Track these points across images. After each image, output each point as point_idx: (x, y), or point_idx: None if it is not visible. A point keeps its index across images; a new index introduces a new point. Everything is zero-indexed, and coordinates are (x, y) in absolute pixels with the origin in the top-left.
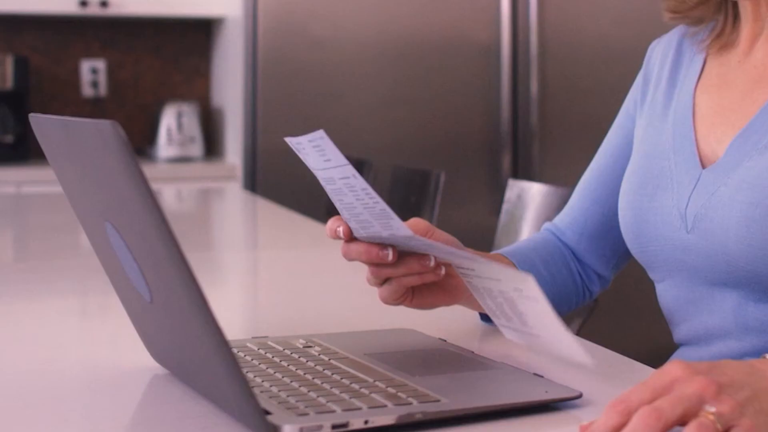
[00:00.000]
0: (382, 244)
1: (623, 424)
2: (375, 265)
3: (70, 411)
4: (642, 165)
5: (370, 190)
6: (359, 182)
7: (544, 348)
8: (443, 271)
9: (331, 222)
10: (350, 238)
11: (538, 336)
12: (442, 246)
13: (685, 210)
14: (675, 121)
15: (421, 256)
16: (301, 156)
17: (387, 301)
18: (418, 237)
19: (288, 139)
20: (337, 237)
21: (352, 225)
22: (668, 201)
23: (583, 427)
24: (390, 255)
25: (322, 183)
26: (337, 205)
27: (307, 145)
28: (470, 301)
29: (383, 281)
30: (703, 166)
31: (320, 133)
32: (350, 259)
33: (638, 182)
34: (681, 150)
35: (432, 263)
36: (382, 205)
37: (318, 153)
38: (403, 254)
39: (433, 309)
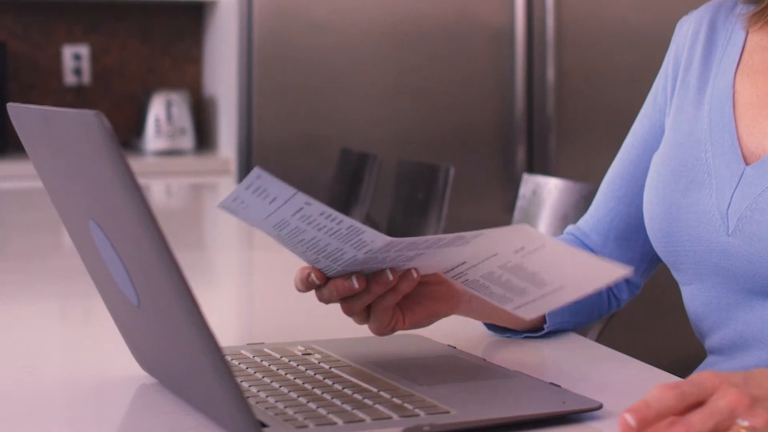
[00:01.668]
0: (346, 275)
1: None
2: (346, 299)
3: (50, 424)
4: (673, 156)
5: (330, 211)
6: (316, 208)
7: (575, 294)
8: (415, 275)
9: (299, 272)
10: (325, 280)
11: (562, 287)
12: (425, 238)
13: (726, 210)
14: (712, 108)
15: (379, 275)
16: (240, 217)
17: (379, 332)
18: (398, 240)
19: (221, 204)
20: (311, 285)
21: (322, 264)
22: (705, 198)
23: None
24: (355, 282)
25: (274, 235)
26: (298, 252)
27: (245, 194)
28: (469, 309)
29: (365, 315)
30: (746, 162)
31: (256, 172)
32: (327, 302)
33: (669, 175)
34: (719, 142)
35: (390, 277)
36: (348, 221)
37: (260, 198)
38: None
39: (434, 323)
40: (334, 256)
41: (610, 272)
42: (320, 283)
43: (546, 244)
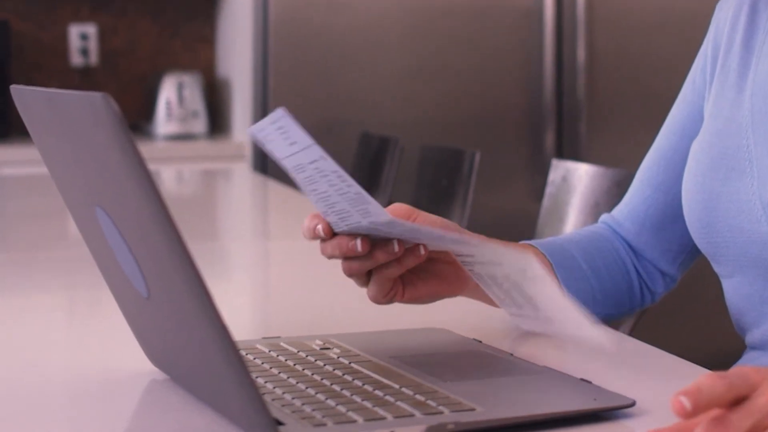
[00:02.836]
0: (352, 235)
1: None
2: (348, 258)
3: (54, 422)
4: (713, 143)
5: (342, 172)
6: (329, 164)
7: (561, 333)
8: (423, 252)
9: (309, 220)
10: (331, 235)
11: (552, 320)
12: (427, 229)
13: None
14: (753, 93)
15: (385, 243)
16: (267, 148)
17: (376, 299)
18: (400, 221)
19: (251, 130)
20: (317, 236)
21: (331, 219)
22: (746, 187)
23: None
24: (359, 245)
25: (293, 174)
26: (312, 198)
27: (271, 129)
28: (476, 292)
29: (366, 279)
30: None
31: (280, 112)
32: (329, 257)
33: (708, 162)
34: (761, 128)
35: (396, 248)
36: (356, 188)
37: (282, 137)
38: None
39: (434, 302)
40: (341, 215)
41: (593, 336)
42: (326, 236)
43: (546, 280)
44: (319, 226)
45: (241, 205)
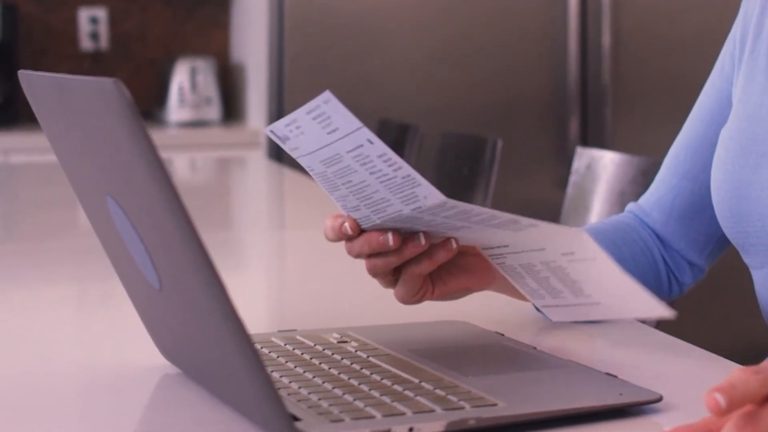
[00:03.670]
0: (382, 230)
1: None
2: (372, 256)
3: (64, 417)
4: (742, 129)
5: (391, 155)
6: (376, 148)
7: (608, 315)
8: (454, 245)
9: (332, 219)
10: (359, 231)
11: (598, 304)
12: (479, 210)
13: None
14: None
15: (411, 236)
16: (288, 146)
17: (405, 299)
18: (454, 201)
19: (271, 128)
20: (343, 235)
21: (361, 214)
22: None
23: None
24: (390, 239)
25: (317, 171)
26: (337, 195)
27: (305, 119)
28: (504, 285)
29: (392, 279)
30: None
31: (325, 96)
32: (356, 256)
33: (738, 150)
34: None
35: (422, 241)
36: (405, 170)
37: (320, 125)
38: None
39: (464, 297)
40: (378, 207)
41: (651, 308)
42: (353, 234)
43: (598, 258)
44: (346, 224)
45: (256, 194)
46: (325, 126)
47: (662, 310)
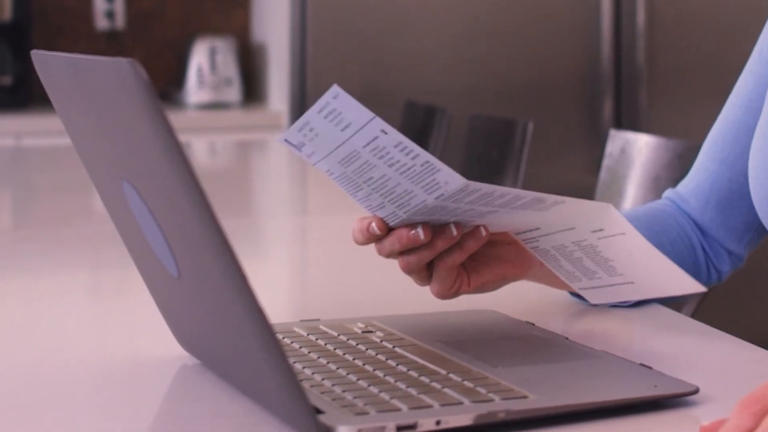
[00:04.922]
0: (411, 225)
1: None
2: (405, 253)
3: (80, 409)
4: None
5: (407, 143)
6: (391, 137)
7: (642, 294)
8: (484, 233)
9: (358, 222)
10: (386, 230)
11: (632, 283)
12: (502, 190)
13: None
14: None
15: (442, 228)
16: (304, 152)
17: (441, 294)
18: (475, 183)
19: (285, 138)
20: (371, 235)
21: (386, 211)
22: None
23: (704, 428)
24: (421, 233)
25: (337, 174)
26: (361, 195)
27: (317, 119)
28: (541, 273)
29: (426, 275)
30: None
31: (334, 91)
32: (387, 255)
33: None
34: None
35: (454, 231)
36: (423, 157)
37: (332, 123)
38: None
39: (501, 288)
40: (402, 200)
41: (683, 283)
42: (381, 233)
43: (627, 232)
44: (374, 224)
45: (277, 179)
46: (337, 123)
47: (693, 285)
